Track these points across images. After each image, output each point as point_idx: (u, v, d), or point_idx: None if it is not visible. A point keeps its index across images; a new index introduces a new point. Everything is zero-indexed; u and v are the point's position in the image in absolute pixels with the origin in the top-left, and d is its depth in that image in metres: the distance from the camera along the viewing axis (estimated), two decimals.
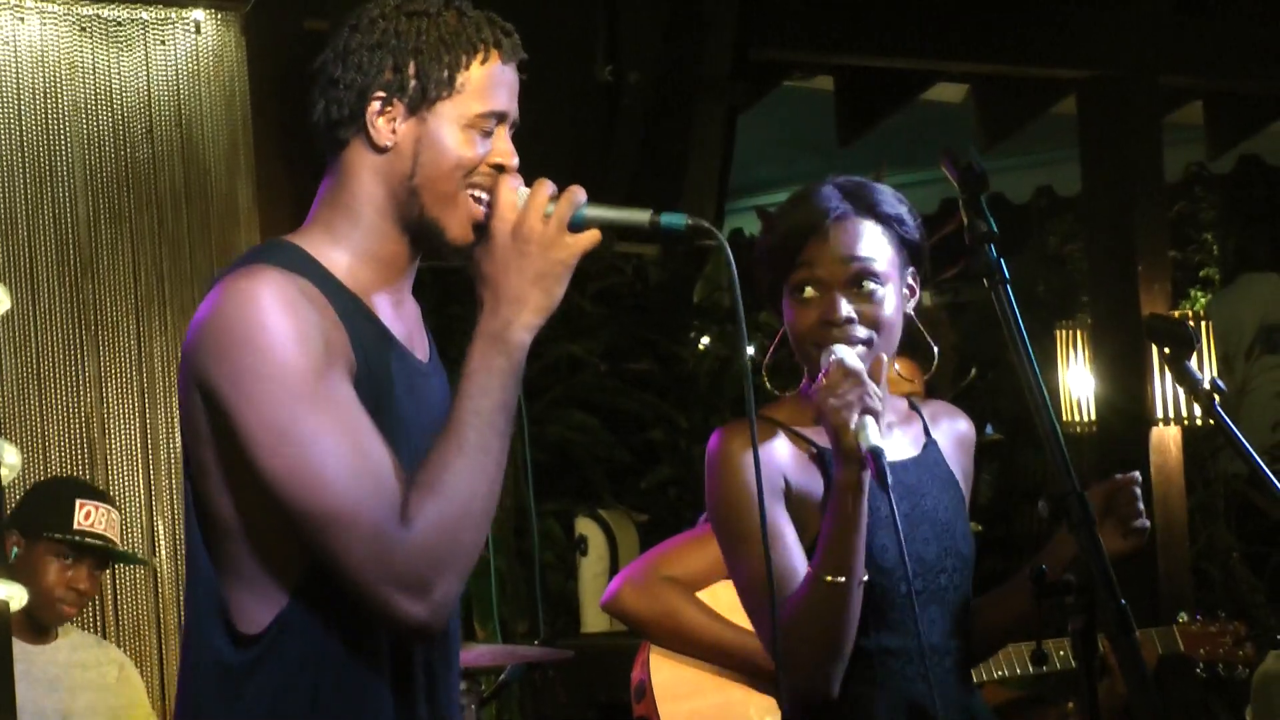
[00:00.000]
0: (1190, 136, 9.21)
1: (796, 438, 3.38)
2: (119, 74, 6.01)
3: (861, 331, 3.30)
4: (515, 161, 2.88)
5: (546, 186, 2.82)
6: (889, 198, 3.40)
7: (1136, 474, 3.33)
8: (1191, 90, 8.65)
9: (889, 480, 3.09)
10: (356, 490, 2.66)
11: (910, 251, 3.40)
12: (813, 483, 3.36)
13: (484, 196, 2.85)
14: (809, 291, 3.33)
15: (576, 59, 5.80)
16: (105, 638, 5.82)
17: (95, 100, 5.97)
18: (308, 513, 2.67)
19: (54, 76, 5.92)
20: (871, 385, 3.19)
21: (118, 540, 5.46)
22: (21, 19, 5.88)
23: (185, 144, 6.09)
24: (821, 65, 7.92)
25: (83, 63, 5.96)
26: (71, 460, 5.89)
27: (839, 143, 8.12)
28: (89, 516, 5.37)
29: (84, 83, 5.96)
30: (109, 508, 5.45)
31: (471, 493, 2.71)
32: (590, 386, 8.51)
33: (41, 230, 5.89)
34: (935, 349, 3.46)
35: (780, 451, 3.35)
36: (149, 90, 6.05)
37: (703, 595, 4.63)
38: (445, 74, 2.82)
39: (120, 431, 5.96)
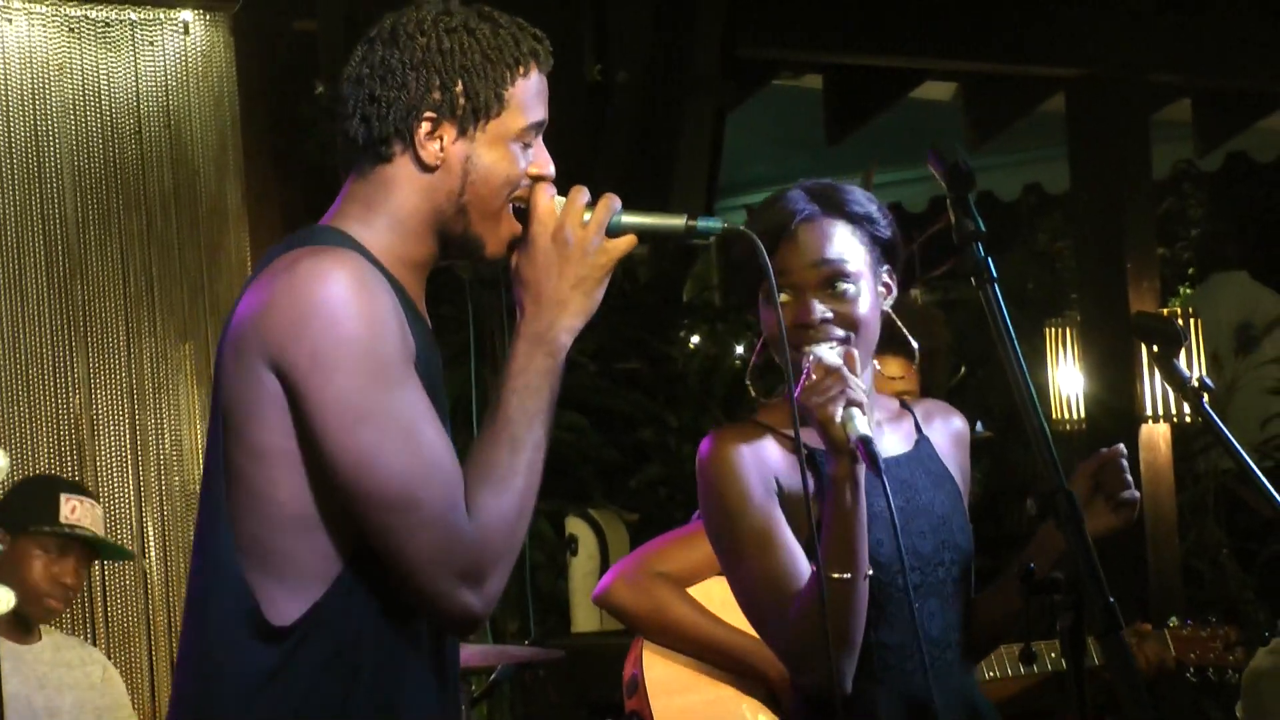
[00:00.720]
0: (1178, 134, 9.23)
1: (786, 440, 3.39)
2: (107, 75, 6.01)
3: (838, 332, 3.31)
4: (552, 170, 2.91)
5: (583, 193, 2.87)
6: (858, 197, 3.40)
7: (1120, 446, 3.33)
8: (1180, 88, 8.67)
9: (881, 465, 3.09)
10: (428, 477, 2.68)
11: (883, 249, 3.40)
12: (803, 483, 3.36)
13: (522, 206, 2.87)
14: (782, 295, 3.33)
15: (565, 58, 5.81)
16: (94, 641, 5.81)
17: (84, 101, 5.97)
18: (377, 496, 2.67)
19: (42, 77, 5.91)
20: (853, 378, 3.20)
21: (102, 534, 5.45)
22: (9, 20, 5.88)
23: (174, 145, 6.09)
24: (810, 64, 7.93)
25: (71, 63, 5.96)
26: (61, 461, 5.89)
27: (828, 141, 8.13)
28: (74, 510, 5.36)
29: (72, 83, 5.96)
30: (93, 502, 5.45)
31: (527, 488, 2.78)
32: (580, 386, 8.50)
33: (30, 231, 5.89)
34: (915, 345, 3.47)
35: (771, 454, 3.36)
36: (138, 91, 6.05)
37: (694, 591, 4.64)
38: (494, 93, 2.84)
39: (109, 432, 5.96)
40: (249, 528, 2.76)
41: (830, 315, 3.31)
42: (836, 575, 3.19)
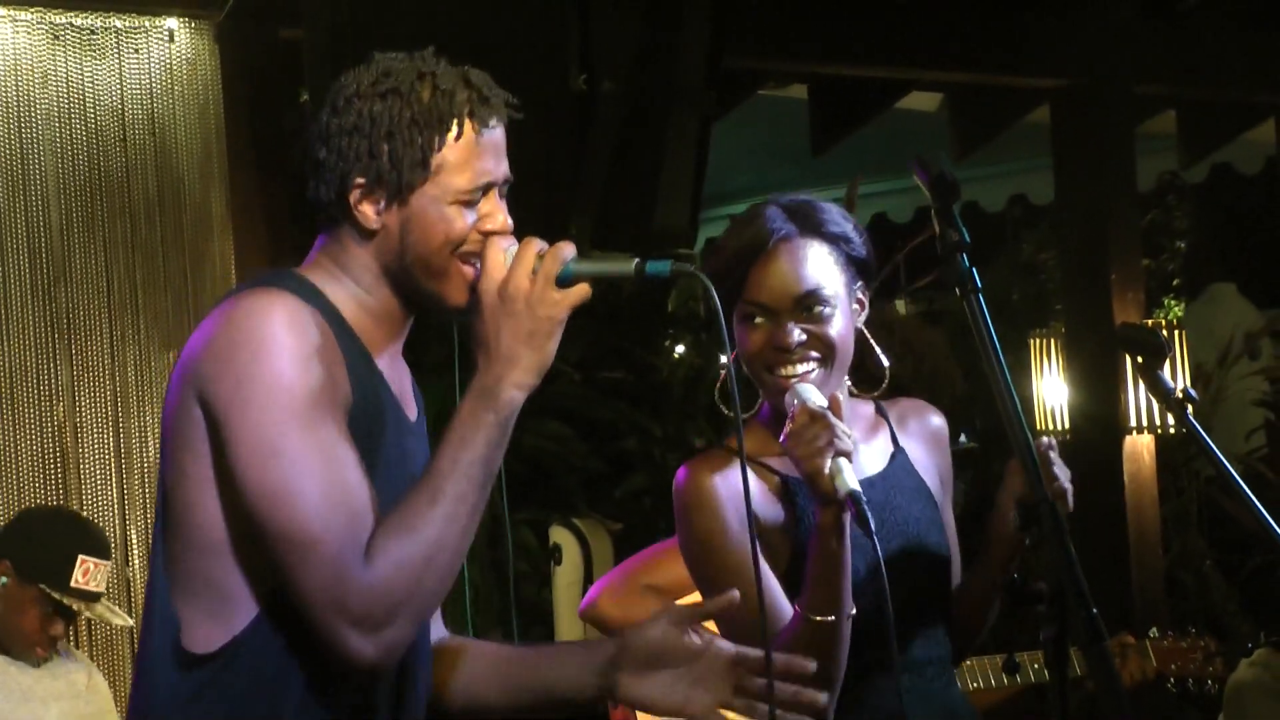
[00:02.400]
0: (1163, 145, 9.24)
1: (760, 468, 3.38)
2: (92, 82, 6.00)
3: (813, 354, 3.30)
4: (507, 223, 2.90)
5: (534, 245, 2.84)
6: (834, 216, 3.39)
7: (1046, 439, 3.31)
8: (1165, 100, 8.68)
9: (871, 524, 3.08)
10: (326, 518, 2.67)
11: (857, 268, 3.39)
12: (779, 513, 3.36)
13: (476, 262, 2.86)
14: (755, 314, 3.32)
15: (549, 68, 5.80)
16: (79, 647, 5.80)
17: (68, 108, 5.96)
18: (277, 531, 2.68)
19: (27, 84, 5.91)
20: (839, 425, 3.18)
21: (104, 590, 5.45)
22: None
23: (159, 152, 6.08)
24: (796, 74, 7.92)
25: (56, 71, 5.95)
26: (44, 467, 5.87)
27: (813, 151, 8.13)
28: (87, 574, 5.36)
29: (57, 91, 5.95)
30: (107, 563, 5.43)
31: (439, 541, 2.72)
32: (564, 396, 8.50)
33: (14, 238, 5.88)
34: (886, 364, 3.46)
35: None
36: (122, 98, 6.04)
37: (682, 604, 4.63)
38: (419, 156, 2.83)
39: (93, 439, 5.95)
40: (174, 550, 2.78)
41: (805, 338, 3.30)
42: (819, 618, 3.18)
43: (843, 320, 3.33)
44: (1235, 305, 10.16)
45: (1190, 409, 3.56)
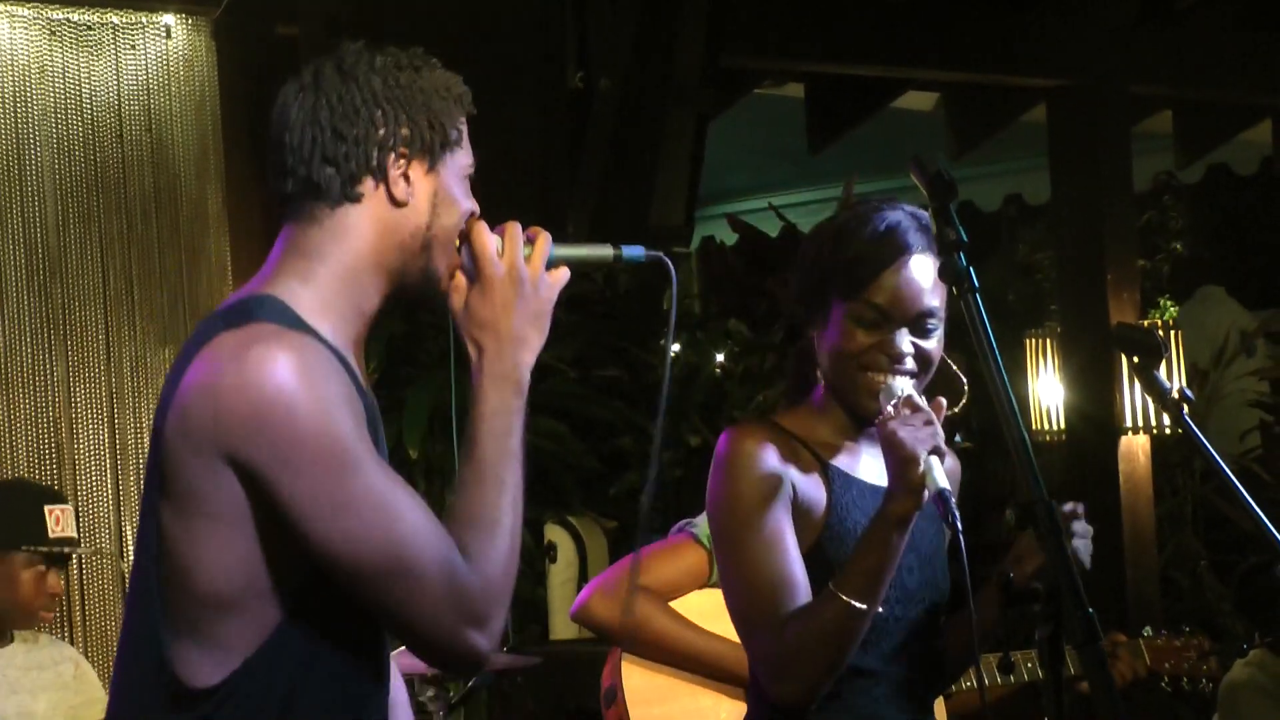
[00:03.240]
0: (1159, 146, 9.24)
1: (803, 448, 3.38)
2: (89, 78, 6.00)
3: (910, 365, 3.32)
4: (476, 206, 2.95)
5: (519, 229, 2.88)
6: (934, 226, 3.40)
7: (1072, 505, 3.29)
8: (1161, 99, 8.68)
9: (959, 524, 3.08)
10: (417, 542, 2.68)
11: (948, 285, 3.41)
12: (816, 495, 3.36)
13: (457, 243, 2.88)
14: (873, 316, 3.33)
15: (546, 65, 5.80)
16: (72, 640, 5.80)
17: (65, 104, 5.96)
18: (373, 573, 2.67)
19: (23, 80, 5.91)
20: (939, 426, 3.19)
21: (77, 535, 5.45)
22: None
23: (155, 148, 6.08)
24: (792, 73, 7.93)
25: (52, 67, 5.95)
26: (39, 461, 5.88)
27: (810, 150, 8.13)
28: (59, 521, 5.35)
29: (54, 87, 5.95)
30: (68, 506, 5.44)
31: (515, 527, 2.78)
32: (559, 393, 8.50)
33: (10, 233, 5.88)
34: (965, 382, 3.48)
35: (790, 459, 3.35)
36: (119, 94, 6.04)
37: (675, 604, 4.64)
38: (454, 127, 2.87)
39: (88, 434, 5.95)
40: (174, 596, 2.74)
41: (913, 352, 3.32)
42: (851, 601, 3.18)
43: (940, 338, 3.36)
44: (1226, 306, 10.17)
45: (1186, 409, 3.56)
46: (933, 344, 3.35)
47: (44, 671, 5.44)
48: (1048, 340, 8.36)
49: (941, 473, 3.14)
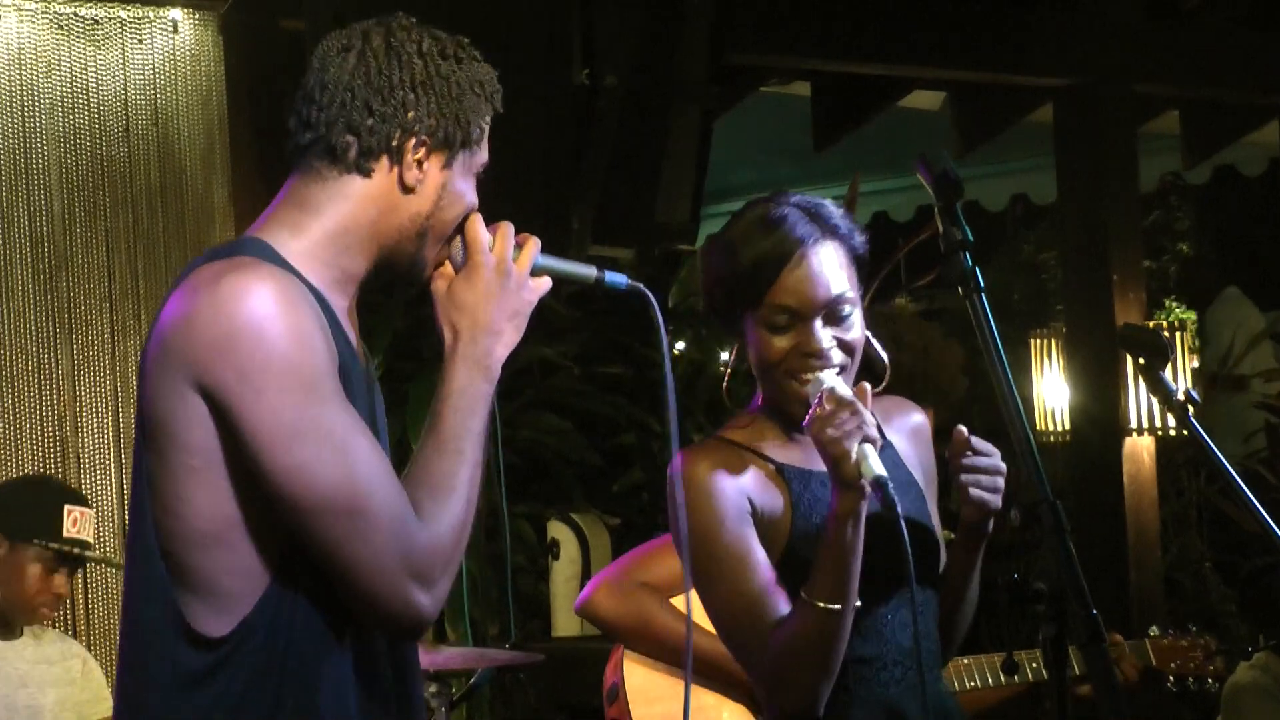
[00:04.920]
0: (1166, 146, 9.24)
1: (755, 457, 3.37)
2: (96, 72, 6.00)
3: (837, 357, 3.30)
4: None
5: (510, 230, 2.93)
6: (839, 214, 3.38)
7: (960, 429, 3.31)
8: (1168, 100, 8.67)
9: (899, 509, 3.08)
10: (370, 485, 2.70)
11: (859, 265, 3.39)
12: (775, 500, 3.35)
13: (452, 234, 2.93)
14: (783, 319, 3.31)
15: (552, 62, 5.80)
16: (76, 635, 5.81)
17: (72, 98, 5.96)
18: (322, 507, 2.68)
19: (31, 74, 5.91)
20: (867, 413, 3.18)
21: (93, 541, 5.46)
22: None
23: (161, 142, 6.09)
24: (798, 71, 7.92)
25: (60, 61, 5.95)
26: (44, 456, 5.88)
27: (815, 148, 8.13)
28: (75, 523, 5.36)
29: (61, 81, 5.95)
30: (90, 511, 5.45)
31: (470, 499, 2.81)
32: (563, 390, 8.51)
33: (16, 227, 5.89)
34: (886, 360, 3.46)
35: (742, 474, 3.33)
36: (126, 88, 6.04)
37: (677, 601, 4.63)
38: (479, 126, 2.90)
39: (93, 428, 5.95)
40: (167, 543, 2.76)
41: (834, 343, 3.30)
42: (825, 605, 3.18)
43: (860, 322, 3.33)
44: (1245, 308, 10.17)
45: (1192, 410, 3.55)
46: (853, 331, 3.32)
47: (52, 666, 5.45)
48: (1053, 340, 8.35)
49: (876, 460, 3.13)
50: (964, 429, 3.28)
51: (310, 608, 2.76)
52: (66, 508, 5.36)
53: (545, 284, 2.94)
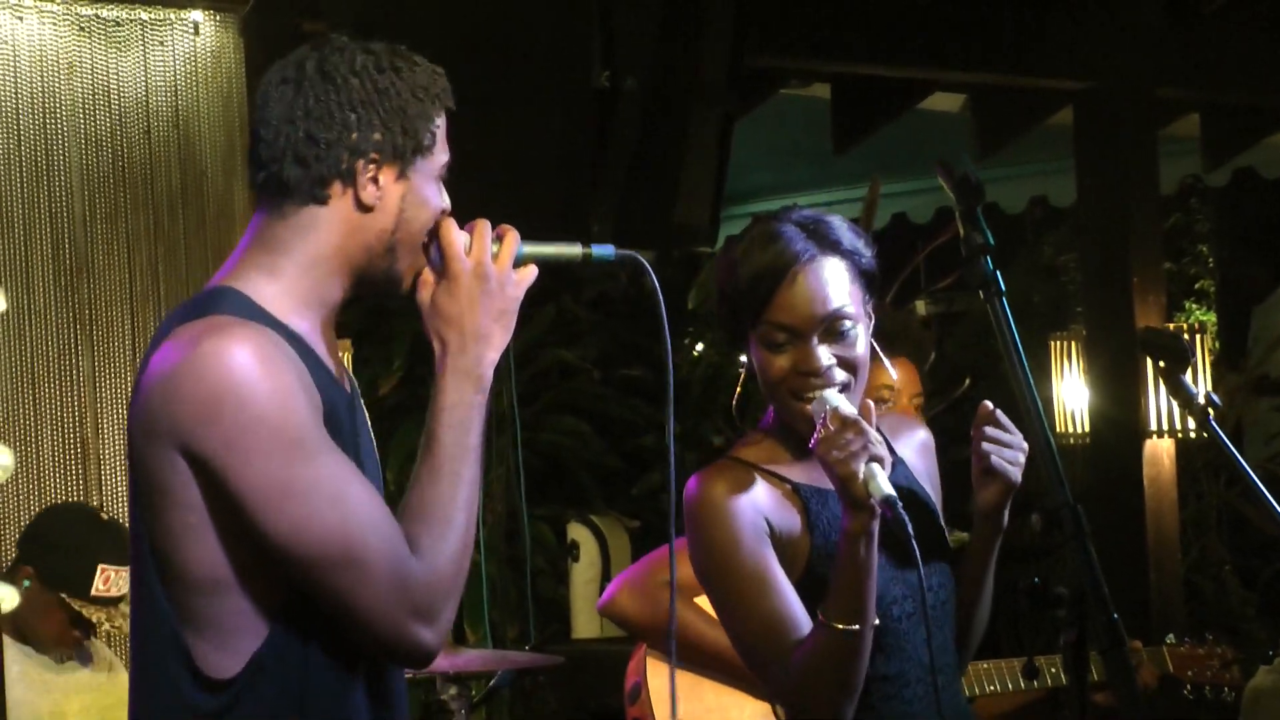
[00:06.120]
0: (1186, 149, 9.22)
1: (770, 476, 3.36)
2: (117, 74, 6.01)
3: (839, 375, 3.28)
4: (449, 202, 2.95)
5: (487, 226, 2.90)
6: (844, 229, 3.36)
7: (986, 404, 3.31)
8: (1188, 102, 8.66)
9: (909, 528, 3.07)
10: (364, 533, 2.70)
11: (867, 280, 3.37)
12: (792, 520, 3.34)
13: (425, 240, 2.91)
14: (781, 338, 3.30)
15: (571, 64, 5.80)
16: (99, 636, 5.81)
17: (93, 100, 5.97)
18: (319, 563, 2.69)
19: (52, 76, 5.92)
20: (872, 432, 3.17)
21: (125, 593, 5.45)
22: (20, 18, 5.88)
23: (182, 144, 6.10)
24: (818, 73, 7.92)
25: (81, 62, 5.96)
26: (64, 460, 5.89)
27: (835, 150, 8.12)
28: (107, 582, 5.36)
29: (82, 82, 5.96)
30: (125, 570, 5.42)
31: (468, 523, 2.81)
32: (583, 392, 8.51)
33: (37, 229, 5.90)
34: (895, 376, 3.46)
35: (758, 494, 3.32)
36: (147, 90, 6.05)
37: (700, 600, 4.63)
38: (427, 130, 2.87)
39: (114, 429, 5.96)
40: (169, 588, 2.77)
41: (833, 361, 3.28)
42: (842, 626, 3.17)
43: (864, 339, 3.32)
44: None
45: (1212, 414, 3.55)
46: (854, 348, 3.30)
47: (77, 673, 5.46)
48: (1072, 343, 8.34)
49: (883, 479, 3.12)
50: (989, 404, 3.28)
51: (319, 643, 2.78)
52: (101, 567, 5.35)
53: (530, 274, 2.92)
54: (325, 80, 2.84)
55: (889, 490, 3.10)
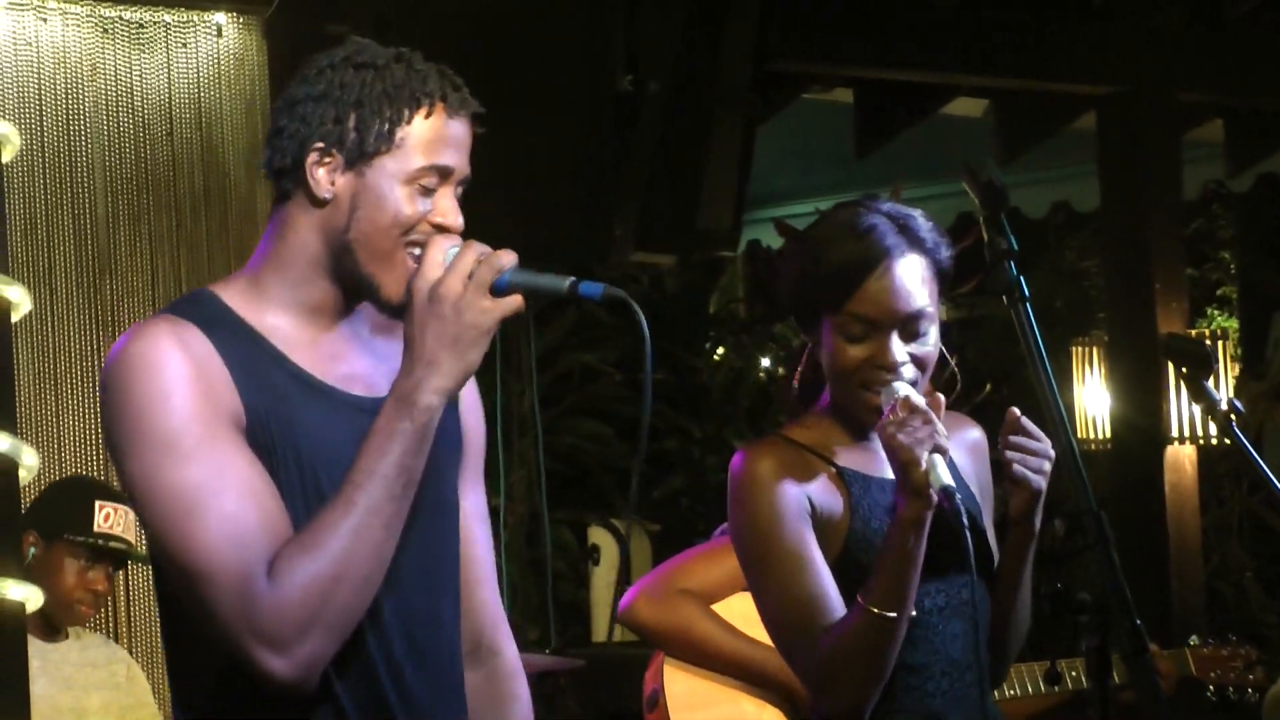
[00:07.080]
0: (1209, 154, 9.20)
1: (817, 458, 3.36)
2: (140, 76, 6.02)
3: (910, 372, 3.28)
4: (457, 221, 2.82)
5: (475, 248, 2.74)
6: (928, 228, 3.35)
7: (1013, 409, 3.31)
8: (1211, 108, 8.64)
9: (965, 520, 3.07)
10: (222, 544, 2.64)
11: (942, 280, 3.38)
12: (835, 503, 3.34)
13: (418, 251, 2.80)
14: (860, 329, 3.30)
15: (594, 68, 5.80)
16: (116, 638, 5.82)
17: (116, 101, 5.99)
18: (178, 567, 2.68)
19: (76, 77, 5.93)
20: (939, 423, 3.17)
21: (135, 541, 5.46)
22: (44, 20, 5.90)
23: (205, 146, 6.11)
24: (841, 78, 7.91)
25: (104, 64, 5.98)
26: (87, 460, 5.90)
27: (856, 155, 8.12)
28: (108, 519, 5.37)
29: (105, 84, 5.98)
30: (127, 509, 5.44)
31: (350, 554, 2.66)
32: (604, 396, 8.52)
33: (61, 230, 5.91)
34: (958, 374, 3.45)
35: (804, 473, 3.32)
36: (170, 92, 6.06)
37: (718, 608, 4.63)
38: (385, 127, 2.78)
39: None
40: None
41: (908, 358, 3.29)
42: (880, 612, 3.17)
43: (937, 338, 3.32)
44: None
45: (1235, 420, 3.54)
46: (928, 347, 3.29)
47: (97, 670, 5.47)
48: (1094, 348, 8.34)
49: (944, 470, 3.12)
50: (1016, 410, 3.28)
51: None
52: (98, 503, 5.37)
53: (512, 303, 2.71)
54: (303, 77, 2.84)
55: (949, 481, 3.10)
